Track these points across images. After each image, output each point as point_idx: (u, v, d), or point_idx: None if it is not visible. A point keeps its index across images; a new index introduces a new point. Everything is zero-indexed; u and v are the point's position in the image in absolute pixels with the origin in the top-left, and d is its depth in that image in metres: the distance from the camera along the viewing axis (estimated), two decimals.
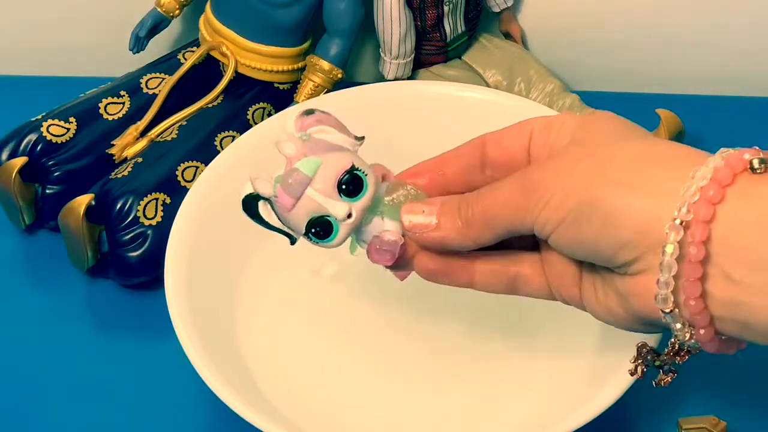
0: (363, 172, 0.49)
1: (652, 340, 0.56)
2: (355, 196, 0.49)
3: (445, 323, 0.64)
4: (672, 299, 0.45)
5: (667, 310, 0.45)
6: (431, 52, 0.77)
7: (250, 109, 0.75)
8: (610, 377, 0.57)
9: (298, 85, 0.76)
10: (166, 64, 0.76)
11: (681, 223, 0.43)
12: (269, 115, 0.75)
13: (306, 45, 0.76)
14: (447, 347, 0.63)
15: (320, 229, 0.49)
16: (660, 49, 0.82)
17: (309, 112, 0.50)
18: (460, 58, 0.79)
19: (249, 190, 0.50)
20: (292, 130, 0.49)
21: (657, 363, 0.49)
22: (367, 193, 0.49)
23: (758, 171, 0.43)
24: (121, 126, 0.73)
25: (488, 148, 0.51)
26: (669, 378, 0.49)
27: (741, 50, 0.82)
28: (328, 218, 0.49)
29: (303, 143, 0.49)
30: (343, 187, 0.48)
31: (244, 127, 0.72)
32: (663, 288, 0.44)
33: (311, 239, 0.50)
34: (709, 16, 0.80)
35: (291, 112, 0.68)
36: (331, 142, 0.49)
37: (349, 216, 0.49)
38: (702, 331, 0.45)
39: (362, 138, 0.50)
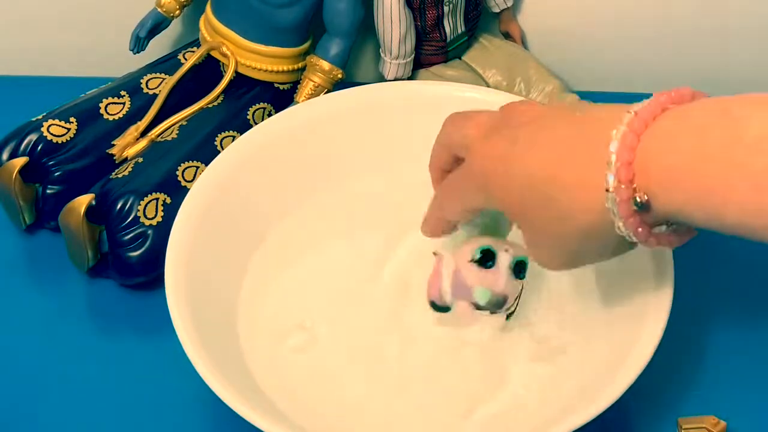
0: (491, 248, 0.60)
1: None
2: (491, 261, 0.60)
3: (449, 326, 0.64)
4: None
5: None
6: (431, 52, 0.77)
7: (250, 109, 0.75)
8: (610, 377, 0.57)
9: (299, 85, 0.76)
10: (166, 64, 0.76)
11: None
12: (269, 115, 0.75)
13: (306, 45, 0.76)
14: (448, 350, 0.63)
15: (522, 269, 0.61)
16: (659, 49, 0.82)
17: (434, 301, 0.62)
18: (460, 58, 0.79)
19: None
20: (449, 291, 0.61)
21: None
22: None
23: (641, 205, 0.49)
24: (121, 126, 0.73)
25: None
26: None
27: (741, 50, 0.82)
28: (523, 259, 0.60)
29: (453, 289, 0.61)
30: (489, 263, 0.60)
31: (244, 127, 0.72)
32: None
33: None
34: (710, 17, 0.80)
35: (291, 112, 0.69)
36: (445, 270, 0.61)
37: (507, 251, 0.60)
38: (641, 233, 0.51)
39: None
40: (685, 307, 0.62)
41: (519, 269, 0.60)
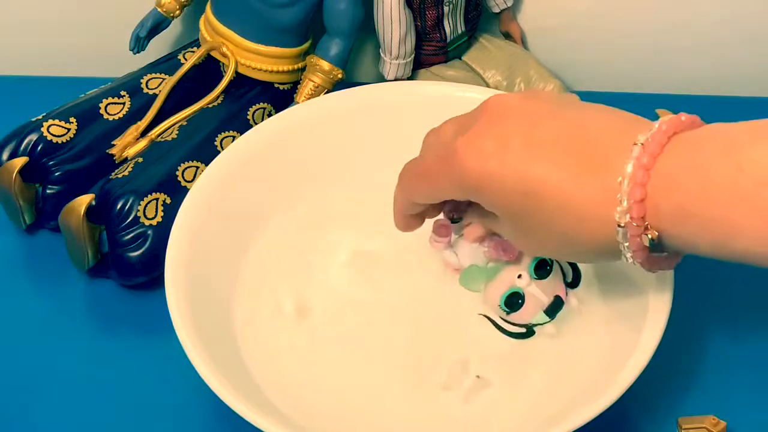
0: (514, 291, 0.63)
1: None
2: None
3: (449, 326, 0.64)
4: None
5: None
6: (431, 52, 0.77)
7: (250, 109, 0.75)
8: (611, 377, 0.57)
9: (299, 86, 0.76)
10: (166, 64, 0.76)
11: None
12: (269, 115, 0.75)
13: (306, 45, 0.76)
14: (449, 349, 0.63)
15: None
16: (660, 49, 0.82)
17: None
18: (460, 59, 0.79)
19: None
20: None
21: None
22: None
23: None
24: (121, 126, 0.73)
25: None
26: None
27: (741, 50, 0.82)
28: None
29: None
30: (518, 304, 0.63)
31: (244, 127, 0.72)
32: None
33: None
34: (709, 17, 0.80)
35: (291, 112, 0.69)
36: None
37: None
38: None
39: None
40: (686, 306, 0.62)
41: (541, 273, 0.62)
